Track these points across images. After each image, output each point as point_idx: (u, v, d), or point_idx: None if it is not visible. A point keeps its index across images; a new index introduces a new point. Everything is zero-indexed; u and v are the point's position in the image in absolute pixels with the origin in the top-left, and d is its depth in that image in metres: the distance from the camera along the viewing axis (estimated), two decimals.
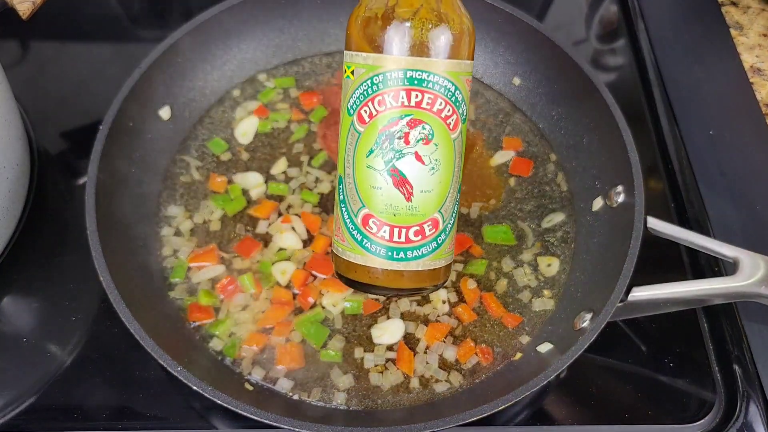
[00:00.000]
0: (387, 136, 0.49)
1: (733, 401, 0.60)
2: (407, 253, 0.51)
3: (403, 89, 0.48)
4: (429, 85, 0.48)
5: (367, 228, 0.51)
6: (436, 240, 0.51)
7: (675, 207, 0.72)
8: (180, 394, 0.59)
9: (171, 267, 0.64)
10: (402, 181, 0.49)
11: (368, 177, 0.50)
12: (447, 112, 0.49)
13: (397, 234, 0.50)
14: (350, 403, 0.58)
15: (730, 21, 0.87)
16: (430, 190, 0.49)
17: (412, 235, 0.50)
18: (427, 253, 0.51)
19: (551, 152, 0.73)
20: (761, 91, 0.80)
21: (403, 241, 0.50)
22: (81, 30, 0.86)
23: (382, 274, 0.51)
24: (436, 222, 0.50)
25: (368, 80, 0.49)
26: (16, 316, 0.64)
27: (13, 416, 0.58)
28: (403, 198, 0.49)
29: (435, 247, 0.51)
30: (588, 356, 0.55)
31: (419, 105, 0.48)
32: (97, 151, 0.61)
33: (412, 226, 0.50)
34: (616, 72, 0.86)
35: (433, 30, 0.47)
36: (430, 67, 0.48)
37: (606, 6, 0.91)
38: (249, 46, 0.76)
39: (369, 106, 0.49)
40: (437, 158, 0.49)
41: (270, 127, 0.74)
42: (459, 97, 0.49)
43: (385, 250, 0.51)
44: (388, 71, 0.48)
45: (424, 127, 0.48)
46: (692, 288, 0.57)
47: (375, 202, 0.50)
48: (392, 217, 0.50)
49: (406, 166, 0.49)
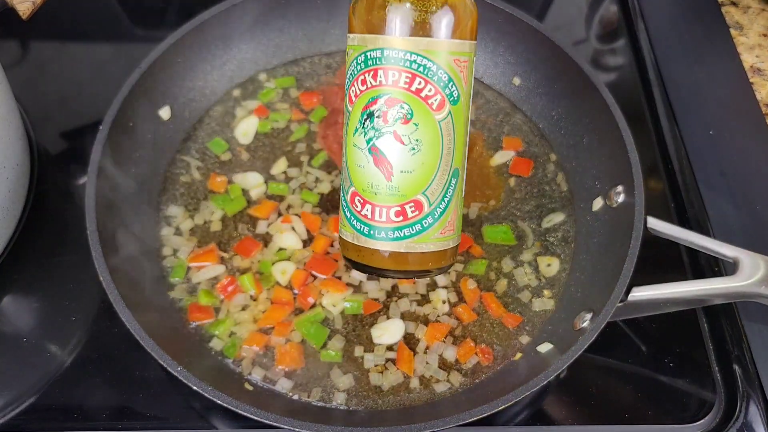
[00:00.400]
0: (368, 115, 0.49)
1: (733, 401, 0.60)
2: (388, 233, 0.51)
3: (380, 68, 0.48)
4: (406, 64, 0.48)
5: (353, 206, 0.52)
6: (421, 222, 0.51)
7: (675, 207, 0.72)
8: (180, 394, 0.59)
9: (171, 267, 0.64)
10: (382, 160, 0.49)
11: (354, 155, 0.51)
12: (428, 92, 0.48)
13: (379, 213, 0.50)
14: (350, 403, 0.58)
15: (730, 21, 0.87)
16: (411, 171, 0.49)
17: (393, 215, 0.50)
18: (409, 235, 0.51)
19: (551, 152, 0.73)
20: (761, 91, 0.80)
21: (383, 221, 0.51)
22: (81, 30, 0.86)
23: (368, 252, 0.52)
24: (419, 204, 0.50)
25: (354, 60, 0.50)
26: (16, 316, 0.64)
27: (13, 416, 0.58)
28: (383, 177, 0.50)
29: (419, 229, 0.51)
30: (588, 356, 0.55)
31: (396, 84, 0.48)
32: (97, 151, 0.61)
33: (393, 206, 0.50)
34: (616, 72, 0.86)
35: (411, 9, 0.47)
36: (407, 46, 0.47)
37: (606, 6, 0.91)
38: (249, 46, 0.76)
39: (355, 85, 0.50)
40: (418, 138, 0.49)
41: (270, 127, 0.74)
42: (443, 77, 0.48)
43: (368, 229, 0.51)
44: (368, 50, 0.48)
45: (402, 107, 0.48)
46: (692, 288, 0.57)
47: (359, 180, 0.51)
48: (373, 195, 0.50)
49: (385, 144, 0.49)
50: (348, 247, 0.54)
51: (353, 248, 0.53)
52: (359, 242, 0.52)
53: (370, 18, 0.48)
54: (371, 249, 0.52)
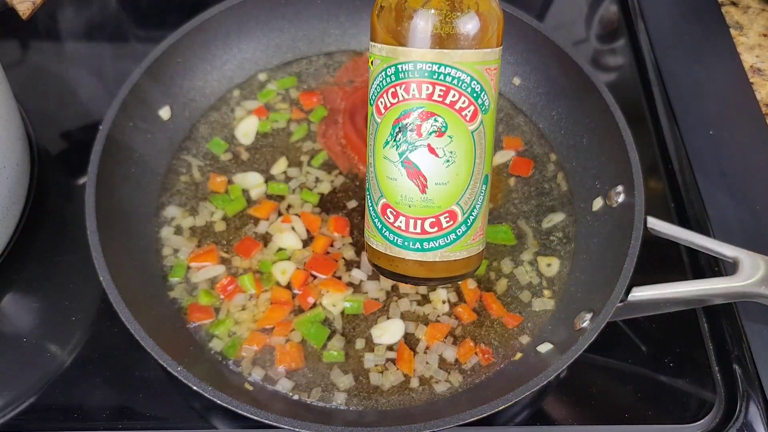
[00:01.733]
0: (400, 128, 0.48)
1: (733, 401, 0.60)
2: (423, 244, 0.51)
3: (413, 81, 0.47)
4: (440, 77, 0.47)
5: (385, 217, 0.51)
6: (455, 232, 0.51)
7: (675, 207, 0.72)
8: (180, 394, 0.59)
9: (171, 267, 0.64)
10: (416, 173, 0.49)
11: (385, 167, 0.50)
12: (462, 104, 0.48)
13: (413, 225, 0.50)
14: (350, 403, 0.58)
15: (730, 21, 0.87)
16: (446, 183, 0.49)
17: (428, 227, 0.50)
18: (444, 245, 0.51)
19: (551, 152, 0.73)
20: (761, 91, 0.80)
21: (418, 232, 0.50)
22: (81, 30, 0.86)
23: (401, 262, 0.52)
24: (453, 214, 0.50)
25: (383, 72, 0.49)
26: (16, 316, 0.64)
27: (13, 416, 0.58)
28: (417, 190, 0.49)
29: (454, 239, 0.51)
30: (588, 356, 0.55)
31: (430, 97, 0.47)
32: (97, 151, 0.61)
33: (427, 218, 0.50)
34: (616, 72, 0.86)
35: (445, 21, 0.46)
36: (441, 58, 0.47)
37: (606, 6, 0.91)
38: (249, 46, 0.76)
39: (384, 97, 0.49)
40: (452, 150, 0.48)
41: (270, 127, 0.74)
42: (476, 87, 0.48)
43: (402, 240, 0.51)
44: (399, 63, 0.48)
45: (436, 120, 0.48)
46: (692, 288, 0.57)
47: (391, 193, 0.50)
48: (407, 208, 0.50)
49: (419, 158, 0.48)
50: (378, 256, 0.53)
51: (384, 258, 0.53)
52: (391, 252, 0.52)
53: (401, 30, 0.47)
54: (404, 260, 0.52)
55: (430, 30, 0.46)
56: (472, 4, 0.47)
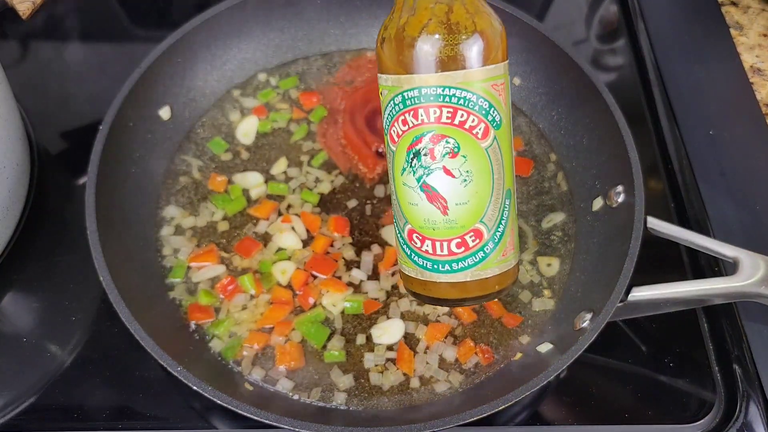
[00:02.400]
0: (414, 154, 0.49)
1: (733, 401, 0.60)
2: (452, 265, 0.50)
3: (420, 107, 0.47)
4: (446, 99, 0.47)
5: (412, 242, 0.51)
6: (483, 250, 0.50)
7: (675, 207, 0.72)
8: (180, 394, 0.59)
9: (171, 267, 0.64)
10: (435, 196, 0.49)
11: (405, 194, 0.50)
12: (472, 123, 0.48)
13: (440, 247, 0.50)
14: (350, 403, 0.58)
15: (730, 21, 0.87)
16: (466, 202, 0.49)
17: (454, 248, 0.50)
18: (473, 264, 0.50)
19: (551, 152, 0.73)
20: (761, 91, 0.80)
21: (446, 254, 0.50)
22: (81, 30, 0.86)
23: (433, 286, 0.52)
24: (479, 233, 0.50)
25: (391, 101, 0.49)
26: (16, 316, 0.64)
27: (13, 416, 0.58)
28: (439, 212, 0.49)
29: (482, 257, 0.50)
30: (588, 356, 0.55)
31: (439, 120, 0.47)
32: (97, 151, 0.61)
33: (453, 239, 0.50)
34: (616, 72, 0.86)
35: (444, 44, 0.46)
36: (444, 81, 0.47)
37: (606, 6, 0.91)
38: (249, 46, 0.76)
39: (396, 126, 0.49)
40: (468, 170, 0.48)
41: (270, 127, 0.74)
42: (484, 105, 0.48)
43: (431, 264, 0.51)
44: (404, 91, 0.48)
45: (448, 141, 0.48)
46: (692, 288, 0.57)
47: (415, 218, 0.50)
48: (432, 231, 0.50)
49: (436, 181, 0.48)
50: (412, 282, 0.53)
51: (418, 283, 0.53)
52: (423, 277, 0.52)
53: (402, 58, 0.47)
54: (436, 283, 0.51)
55: (430, 55, 0.46)
56: (469, 24, 0.47)
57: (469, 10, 0.47)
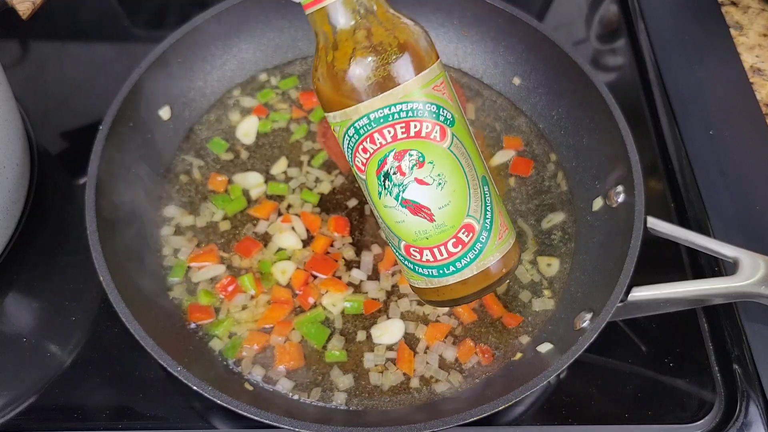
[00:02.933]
0: (384, 176, 0.49)
1: (733, 401, 0.60)
2: (456, 265, 0.51)
3: (374, 132, 0.48)
4: (395, 117, 0.47)
5: (412, 257, 0.52)
6: (479, 241, 0.51)
7: (675, 207, 0.72)
8: (180, 394, 0.59)
9: (171, 267, 0.64)
10: (418, 208, 0.49)
11: (390, 215, 0.51)
12: (426, 129, 0.48)
13: (438, 252, 0.51)
14: (350, 403, 0.58)
15: (730, 21, 0.87)
16: (448, 204, 0.49)
17: (451, 248, 0.50)
18: (474, 257, 0.51)
19: (551, 152, 0.73)
20: (761, 91, 0.80)
21: (446, 257, 0.51)
22: (81, 30, 0.86)
23: (445, 290, 0.52)
24: (470, 227, 0.50)
25: (345, 135, 0.49)
26: (16, 316, 0.64)
27: (13, 416, 0.58)
28: (426, 221, 0.49)
29: (480, 248, 0.51)
30: (588, 356, 0.55)
31: (395, 138, 0.48)
32: (97, 151, 0.61)
33: (448, 241, 0.50)
34: (616, 72, 0.86)
35: (375, 68, 0.47)
36: (387, 101, 0.47)
37: (606, 6, 0.91)
38: (249, 46, 0.76)
39: (358, 156, 0.50)
40: (439, 173, 0.49)
41: (270, 127, 0.74)
42: (432, 108, 0.48)
43: (436, 270, 0.51)
44: (354, 122, 0.48)
45: (410, 154, 0.48)
46: (692, 288, 0.57)
47: (406, 234, 0.51)
48: (426, 240, 0.50)
49: (413, 193, 0.49)
50: (425, 292, 0.54)
51: (431, 292, 0.53)
52: (433, 285, 0.52)
53: (342, 93, 0.48)
54: (448, 286, 0.52)
55: (366, 82, 0.47)
56: (392, 41, 0.47)
57: (387, 27, 0.48)
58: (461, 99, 0.76)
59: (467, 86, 0.77)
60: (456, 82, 0.77)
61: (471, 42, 0.77)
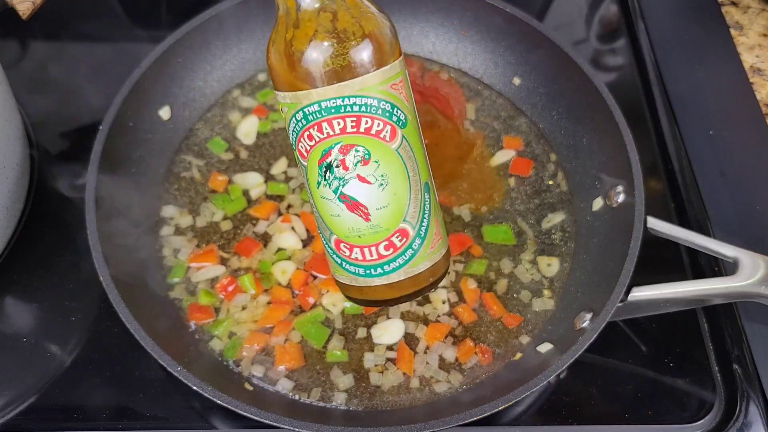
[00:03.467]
0: (326, 167, 0.48)
1: (733, 401, 0.60)
2: (384, 267, 0.50)
3: (323, 120, 0.46)
4: (347, 109, 0.46)
5: (341, 252, 0.51)
6: (411, 247, 0.50)
7: (675, 207, 0.72)
8: (180, 394, 0.59)
9: (171, 267, 0.64)
10: (355, 205, 0.48)
11: (325, 206, 0.49)
12: (377, 128, 0.47)
13: (369, 253, 0.50)
14: (350, 403, 0.58)
15: (730, 21, 0.87)
16: (386, 205, 0.48)
17: (383, 251, 0.49)
18: (404, 263, 0.50)
19: (551, 152, 0.73)
20: (761, 91, 0.80)
21: (376, 258, 0.50)
22: (81, 30, 0.86)
23: (369, 290, 0.52)
24: (404, 232, 0.49)
25: (293, 118, 0.48)
26: (16, 316, 0.64)
27: (13, 416, 0.58)
28: (362, 220, 0.48)
29: (411, 254, 0.50)
30: (588, 356, 0.55)
31: (344, 131, 0.46)
32: (97, 151, 0.61)
33: (380, 243, 0.49)
34: (616, 72, 0.86)
35: (334, 55, 0.45)
36: (341, 92, 0.45)
37: (606, 6, 0.91)
38: (249, 46, 0.76)
39: (302, 141, 0.48)
40: (382, 173, 0.47)
41: (270, 127, 0.74)
42: (386, 107, 0.47)
43: (362, 270, 0.51)
44: (304, 107, 0.47)
45: (357, 150, 0.47)
46: (692, 288, 0.57)
47: (339, 228, 0.50)
48: (358, 239, 0.49)
49: (353, 190, 0.48)
50: (348, 289, 0.53)
51: (354, 290, 0.53)
52: (358, 283, 0.52)
53: (296, 75, 0.46)
54: (372, 287, 0.51)
55: (323, 68, 0.45)
56: (357, 30, 0.45)
57: (354, 14, 0.46)
58: (461, 99, 0.76)
59: (467, 86, 0.77)
60: (456, 82, 0.77)
61: (471, 42, 0.77)
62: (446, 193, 0.70)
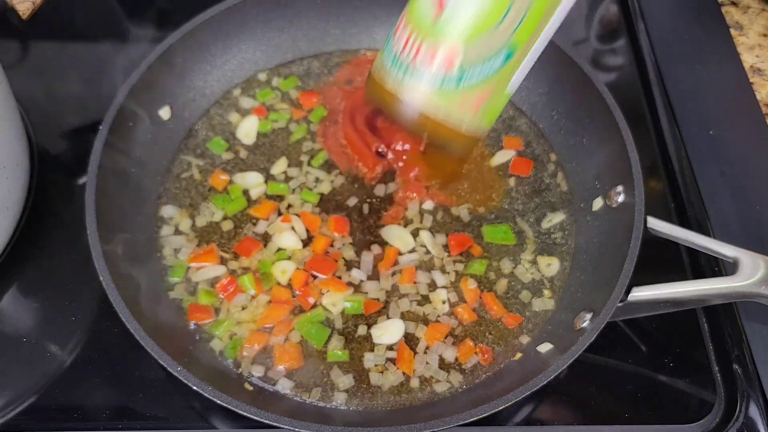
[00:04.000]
0: None
1: (733, 401, 0.60)
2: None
3: None
4: None
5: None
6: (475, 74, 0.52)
7: (675, 207, 0.72)
8: (180, 394, 0.59)
9: (171, 267, 0.64)
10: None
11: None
12: None
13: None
14: (350, 403, 0.58)
15: (730, 21, 0.87)
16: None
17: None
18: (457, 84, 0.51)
19: (551, 152, 0.73)
20: (761, 91, 0.80)
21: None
22: (81, 30, 0.86)
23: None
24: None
25: None
26: (16, 316, 0.64)
27: (13, 416, 0.58)
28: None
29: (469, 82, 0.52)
30: (588, 356, 0.55)
31: None
32: (97, 151, 0.61)
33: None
34: (616, 72, 0.86)
35: None
36: None
37: (606, 6, 0.91)
38: (249, 46, 0.76)
39: None
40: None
41: (270, 127, 0.74)
42: None
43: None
44: None
45: None
46: (692, 288, 0.57)
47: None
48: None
49: None
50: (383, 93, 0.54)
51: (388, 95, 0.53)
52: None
53: None
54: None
55: None
56: None
57: None
58: None
59: None
60: None
61: None
62: (446, 193, 0.70)
